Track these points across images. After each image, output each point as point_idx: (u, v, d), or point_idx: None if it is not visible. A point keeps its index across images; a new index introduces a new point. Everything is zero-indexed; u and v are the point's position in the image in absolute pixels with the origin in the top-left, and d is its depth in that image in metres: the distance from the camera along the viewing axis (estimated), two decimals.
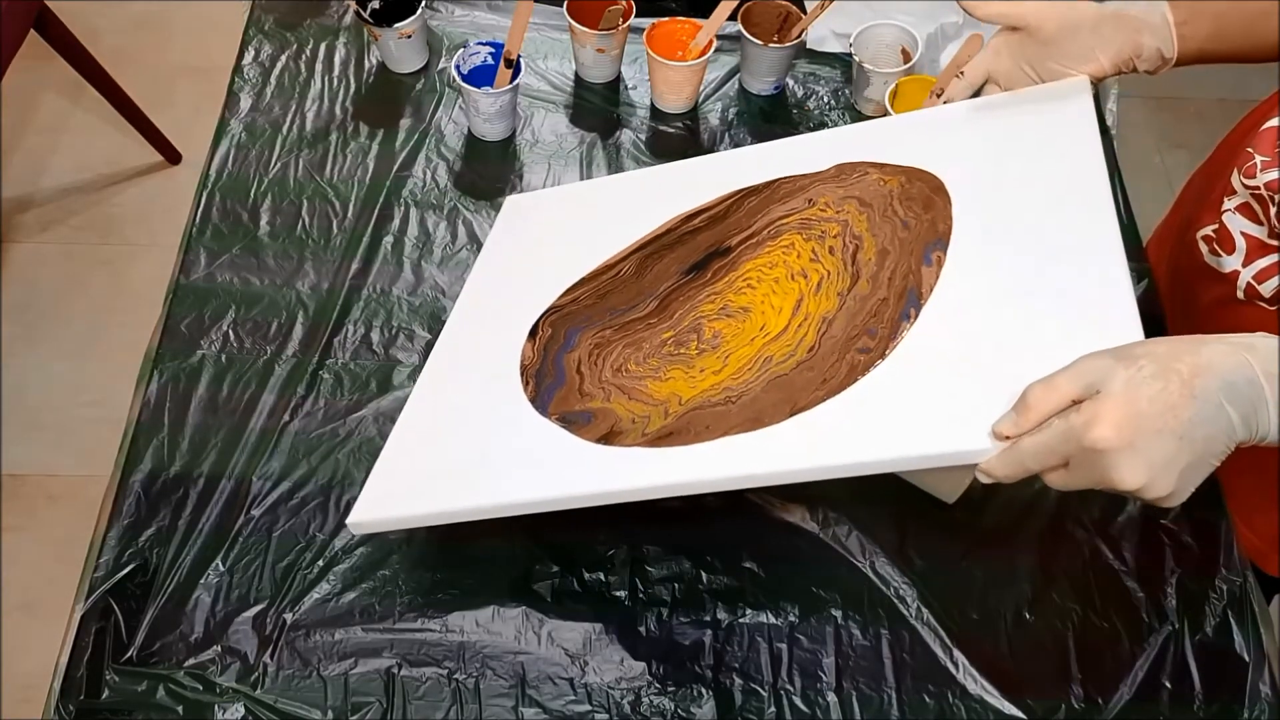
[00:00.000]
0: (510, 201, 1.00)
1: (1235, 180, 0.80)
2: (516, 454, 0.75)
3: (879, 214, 0.80)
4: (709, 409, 0.72)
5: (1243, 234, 0.81)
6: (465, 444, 0.78)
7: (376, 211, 1.00)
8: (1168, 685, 0.77)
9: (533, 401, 0.79)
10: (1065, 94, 0.78)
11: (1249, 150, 0.78)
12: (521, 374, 0.81)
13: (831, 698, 0.76)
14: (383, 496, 0.77)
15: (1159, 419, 0.54)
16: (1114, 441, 0.55)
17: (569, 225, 0.93)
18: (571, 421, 0.76)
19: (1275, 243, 0.78)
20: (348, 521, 0.77)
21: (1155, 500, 0.57)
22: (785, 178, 0.88)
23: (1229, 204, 0.81)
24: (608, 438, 0.74)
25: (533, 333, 0.84)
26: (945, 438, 0.63)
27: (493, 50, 1.05)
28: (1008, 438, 0.59)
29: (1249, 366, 0.55)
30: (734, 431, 0.70)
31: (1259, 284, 0.80)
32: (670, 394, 0.75)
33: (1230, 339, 0.57)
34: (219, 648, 0.76)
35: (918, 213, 0.78)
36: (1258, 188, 0.77)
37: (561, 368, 0.80)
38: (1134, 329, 0.62)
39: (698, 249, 0.85)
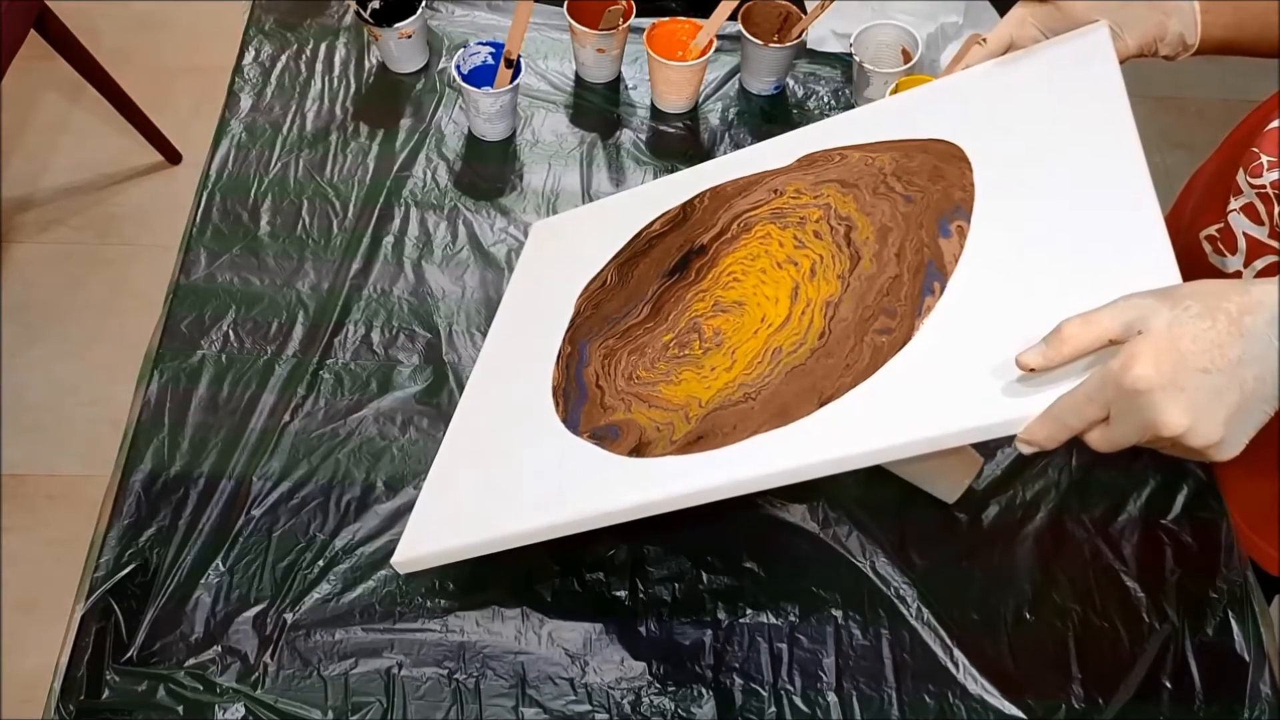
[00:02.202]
0: (536, 227, 0.99)
1: (1241, 180, 0.80)
2: (553, 477, 0.74)
3: (869, 192, 0.76)
4: (730, 408, 0.70)
5: (1245, 234, 0.81)
6: (503, 473, 0.77)
7: (377, 211, 1.00)
8: (1168, 685, 0.77)
9: (565, 422, 0.78)
10: (1080, 38, 0.74)
11: (1254, 150, 0.78)
12: (553, 395, 0.81)
13: (832, 698, 0.76)
14: (425, 533, 0.76)
15: (1203, 357, 0.51)
16: (1154, 380, 0.51)
17: (588, 243, 0.93)
18: (601, 437, 0.75)
19: (1274, 243, 0.78)
20: (393, 562, 0.76)
21: (1205, 450, 0.53)
22: (730, 180, 0.86)
23: (1234, 204, 0.81)
24: (637, 450, 0.72)
25: (559, 353, 0.84)
26: (982, 410, 0.59)
27: (493, 50, 1.05)
28: (1032, 370, 0.56)
29: None
30: (763, 429, 0.67)
31: None
32: (687, 397, 0.74)
33: None
34: (219, 648, 0.76)
35: (922, 185, 0.74)
36: (1263, 187, 0.77)
37: (582, 383, 0.80)
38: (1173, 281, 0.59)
39: (669, 251, 0.85)
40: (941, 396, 0.62)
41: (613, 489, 0.71)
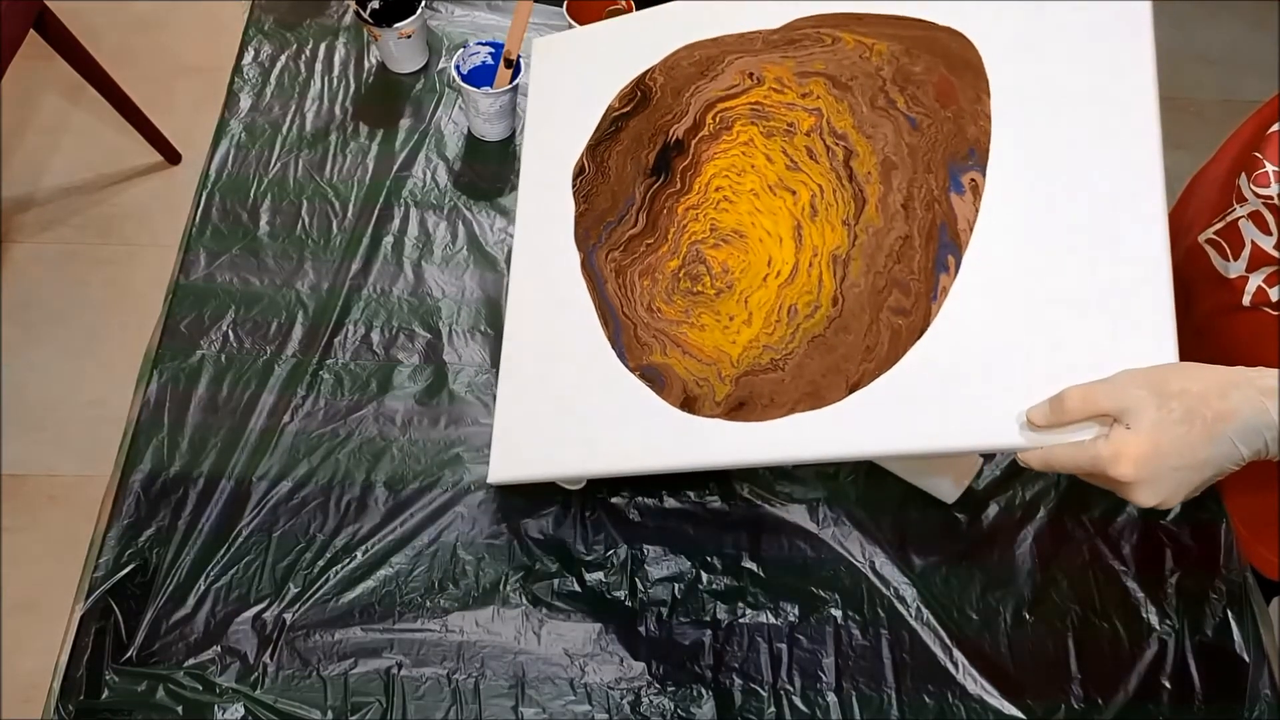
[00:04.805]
0: (538, 45, 0.92)
1: (1245, 187, 0.80)
2: (622, 424, 0.76)
3: (867, 103, 0.69)
4: (761, 376, 0.72)
5: (1253, 242, 0.80)
6: (575, 409, 0.79)
7: (376, 211, 1.00)
8: (1168, 685, 0.77)
9: (613, 346, 0.78)
10: None
11: (1258, 156, 0.78)
12: (597, 314, 0.80)
13: (831, 698, 0.76)
14: (512, 459, 0.81)
15: (1177, 457, 0.60)
16: (1134, 477, 0.60)
17: (580, 96, 0.86)
18: (651, 379, 0.76)
19: (1278, 254, 0.78)
20: (489, 481, 0.81)
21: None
22: (688, 45, 0.78)
23: (1240, 211, 0.81)
24: (686, 405, 0.74)
25: (580, 262, 0.83)
26: (997, 431, 0.64)
27: (492, 50, 1.05)
28: (1038, 426, 0.63)
29: (1268, 412, 0.59)
30: (799, 408, 0.70)
31: (1269, 287, 0.80)
32: (716, 350, 0.74)
33: (1259, 383, 0.60)
34: (219, 648, 0.76)
35: (929, 107, 0.67)
36: (1270, 198, 0.77)
37: (612, 309, 0.79)
38: (1168, 339, 0.63)
39: (641, 140, 0.81)
40: (963, 410, 0.65)
41: (677, 445, 0.74)
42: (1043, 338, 0.64)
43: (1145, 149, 0.65)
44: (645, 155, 0.81)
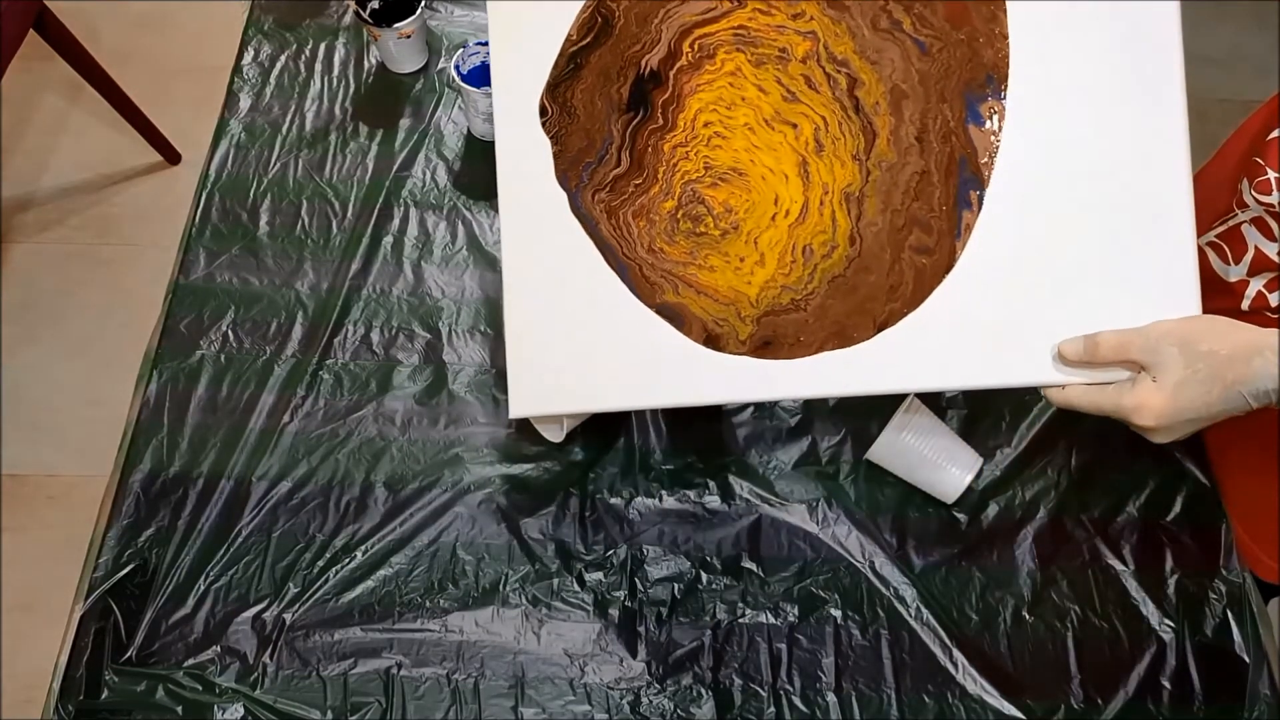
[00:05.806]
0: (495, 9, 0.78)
1: (1246, 193, 0.79)
2: (645, 356, 0.73)
3: (869, 25, 0.64)
4: (783, 316, 0.71)
5: (1256, 248, 0.80)
6: (594, 340, 0.74)
7: (376, 211, 1.00)
8: (1168, 685, 0.77)
9: (623, 279, 0.74)
10: None
11: (1258, 161, 0.78)
12: (600, 252, 0.75)
13: (831, 698, 0.76)
14: (531, 391, 0.76)
15: (1193, 411, 0.64)
16: (1153, 425, 0.66)
17: (553, 10, 0.76)
18: (669, 318, 0.73)
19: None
20: (511, 416, 0.75)
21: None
22: None
23: (1243, 216, 0.81)
24: (709, 342, 0.72)
25: (568, 201, 0.76)
26: (1033, 368, 0.66)
27: None
28: (1069, 361, 0.67)
29: (1278, 377, 0.62)
30: (827, 346, 0.70)
31: (1269, 292, 0.79)
32: (732, 291, 0.72)
33: None
34: (218, 648, 0.76)
35: (939, 28, 0.63)
36: (1272, 205, 0.77)
37: (612, 250, 0.74)
38: (1190, 278, 0.65)
39: (609, 75, 0.73)
40: (992, 348, 0.66)
41: (705, 379, 0.73)
42: (1069, 274, 0.65)
43: (1169, 77, 0.66)
44: (617, 90, 0.73)
